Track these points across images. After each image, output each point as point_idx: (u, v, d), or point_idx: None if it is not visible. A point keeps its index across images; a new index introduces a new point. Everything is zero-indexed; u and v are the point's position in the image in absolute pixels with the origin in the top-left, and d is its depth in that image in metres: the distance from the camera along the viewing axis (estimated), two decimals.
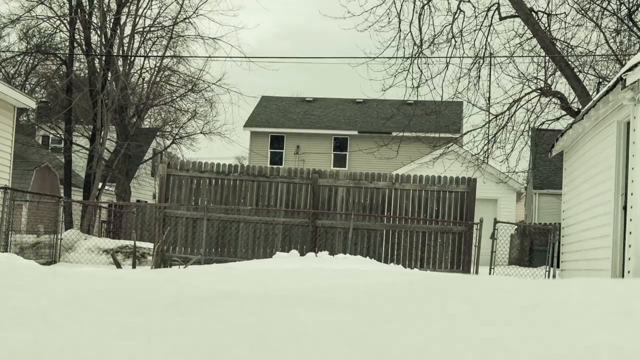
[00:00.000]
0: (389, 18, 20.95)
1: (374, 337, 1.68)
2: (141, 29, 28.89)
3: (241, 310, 2.06)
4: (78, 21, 27.88)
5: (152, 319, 1.89)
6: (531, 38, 20.77)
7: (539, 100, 21.63)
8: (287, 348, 1.55)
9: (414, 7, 20.73)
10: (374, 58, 22.51)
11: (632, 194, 9.96)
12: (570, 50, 21.46)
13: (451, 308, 2.14)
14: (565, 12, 21.81)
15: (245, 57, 31.94)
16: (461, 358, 1.49)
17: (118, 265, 15.30)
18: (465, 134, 24.18)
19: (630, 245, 9.94)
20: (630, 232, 9.96)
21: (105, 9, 27.70)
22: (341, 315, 1.98)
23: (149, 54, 29.25)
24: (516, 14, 20.36)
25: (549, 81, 21.68)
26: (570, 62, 20.54)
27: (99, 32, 27.95)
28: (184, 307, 2.12)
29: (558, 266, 16.41)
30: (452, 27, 20.88)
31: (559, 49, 20.46)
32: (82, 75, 29.06)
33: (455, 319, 1.92)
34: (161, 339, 1.63)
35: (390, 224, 16.51)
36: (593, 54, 22.04)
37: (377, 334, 1.72)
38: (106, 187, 29.74)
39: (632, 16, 21.50)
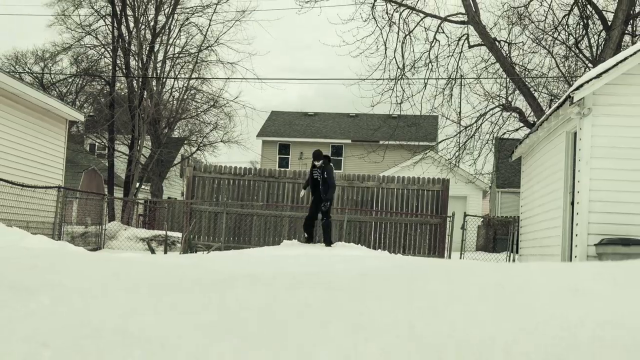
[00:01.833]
0: (377, 46, 21.05)
1: (367, 312, 1.66)
2: (171, 56, 28.91)
3: (254, 290, 2.04)
4: (119, 49, 27.88)
5: (179, 297, 1.87)
6: (495, 63, 20.80)
7: (501, 114, 21.67)
8: (292, 320, 1.53)
9: (398, 37, 20.79)
10: (364, 79, 22.80)
11: (578, 192, 9.96)
12: (527, 72, 21.48)
13: (431, 286, 2.12)
14: (522, 42, 21.88)
15: (258, 79, 32.06)
16: (442, 328, 1.47)
17: (152, 252, 15.31)
18: (440, 142, 24.19)
19: (577, 235, 9.94)
20: (577, 224, 9.96)
21: (141, 39, 27.71)
22: (338, 294, 1.97)
23: (178, 76, 29.29)
24: (482, 43, 20.38)
25: (509, 99, 21.72)
26: (527, 83, 20.56)
27: (136, 58, 27.95)
28: (207, 287, 2.10)
29: (517, 252, 16.40)
30: (429, 53, 20.92)
31: (517, 72, 20.49)
32: (122, 93, 29.07)
33: (436, 297, 1.90)
34: (187, 312, 1.61)
35: (378, 217, 16.50)
36: (546, 76, 22.07)
37: (369, 307, 1.70)
38: (142, 186, 29.73)
39: (578, 45, 21.54)
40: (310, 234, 12.11)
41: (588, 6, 21.07)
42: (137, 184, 27.53)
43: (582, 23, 21.45)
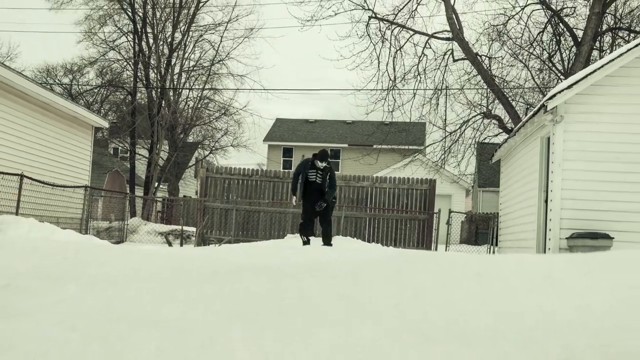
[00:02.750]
0: (371, 60, 21.02)
1: (360, 295, 1.66)
2: (187, 69, 28.89)
3: (261, 278, 2.04)
4: (140, 63, 27.87)
5: (194, 285, 1.87)
6: (476, 75, 20.78)
7: (482, 121, 21.65)
8: (294, 305, 1.53)
9: (389, 52, 20.78)
10: (360, 90, 23.06)
11: (551, 191, 9.95)
12: (505, 84, 21.47)
13: (419, 276, 2.12)
14: (501, 56, 21.86)
15: (264, 89, 32.02)
16: (427, 310, 1.47)
17: (169, 244, 15.31)
18: (428, 146, 24.15)
19: (550, 229, 9.93)
20: (550, 219, 9.95)
21: (160, 54, 27.72)
22: (335, 281, 1.96)
23: (193, 87, 29.27)
24: (465, 57, 20.37)
25: (489, 107, 21.70)
26: (505, 93, 20.56)
27: (155, 71, 27.94)
28: (219, 276, 2.10)
29: (497, 244, 16.38)
30: (418, 67, 20.89)
31: (497, 83, 20.48)
32: (143, 103, 29.04)
33: (423, 284, 1.90)
34: (201, 298, 1.61)
35: (371, 214, 16.48)
36: (522, 87, 22.07)
37: (363, 293, 1.70)
38: (160, 186, 29.70)
39: (552, 59, 21.56)
40: (309, 237, 9.69)
41: (560, 24, 21.09)
42: (156, 184, 27.54)
43: (555, 39, 21.47)
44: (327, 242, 9.52)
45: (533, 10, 21.19)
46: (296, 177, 9.99)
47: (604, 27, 20.71)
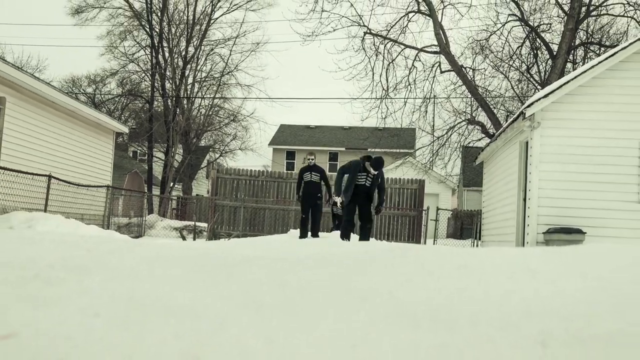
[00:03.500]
0: (366, 72, 21.01)
1: (356, 283, 1.67)
2: (199, 79, 28.90)
3: (266, 269, 2.04)
4: (157, 74, 27.87)
5: (206, 274, 1.87)
6: (462, 85, 20.80)
7: (467, 127, 21.67)
8: (298, 292, 1.54)
9: (383, 64, 20.80)
10: (356, 99, 23.02)
11: (529, 190, 9.96)
12: (488, 93, 21.49)
13: (410, 266, 2.12)
14: (484, 68, 21.91)
15: (269, 98, 32.03)
16: (417, 297, 1.48)
17: (183, 238, 15.32)
18: (417, 150, 24.17)
19: (528, 225, 9.94)
20: (528, 216, 9.96)
21: (175, 66, 27.73)
22: (333, 270, 1.97)
23: (204, 96, 29.28)
24: (451, 69, 20.38)
25: (473, 114, 21.71)
26: (488, 102, 20.56)
27: (170, 81, 27.95)
28: (229, 266, 2.10)
29: (480, 239, 16.41)
30: (408, 77, 20.90)
31: (480, 93, 20.48)
32: (159, 110, 29.04)
33: (413, 274, 1.90)
34: (213, 287, 1.62)
35: None
36: (503, 96, 22.09)
37: (359, 282, 1.70)
38: (175, 185, 29.69)
39: (530, 70, 21.57)
40: (350, 238, 8.75)
41: (537, 39, 21.11)
42: (171, 184, 27.54)
43: (532, 53, 21.49)
44: (367, 238, 8.88)
45: (513, 27, 21.24)
46: (341, 178, 8.87)
47: (577, 41, 20.74)
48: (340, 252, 2.72)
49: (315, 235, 10.12)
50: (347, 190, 8.65)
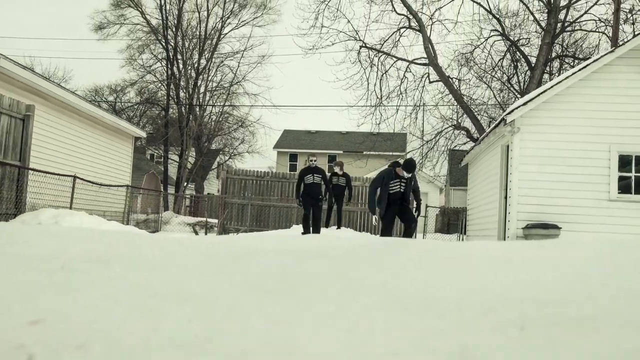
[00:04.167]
0: (361, 82, 21.09)
1: (353, 274, 1.67)
2: (210, 89, 28.92)
3: (271, 260, 2.04)
4: (172, 84, 27.87)
5: (217, 265, 1.87)
6: (448, 94, 20.81)
7: (453, 132, 21.68)
8: (299, 281, 1.54)
9: (377, 75, 20.84)
10: (352, 106, 23.12)
11: (510, 189, 9.96)
12: (472, 101, 21.50)
13: (401, 258, 2.13)
14: (469, 78, 21.92)
15: (274, 106, 32.10)
16: (407, 286, 1.48)
17: (196, 233, 15.32)
18: (408, 152, 24.16)
19: (509, 221, 9.94)
20: (509, 212, 9.96)
21: (188, 77, 27.75)
22: (332, 262, 1.97)
23: (215, 104, 29.28)
24: (439, 79, 20.38)
25: (459, 120, 21.72)
26: (472, 109, 20.57)
27: (184, 91, 27.95)
28: (237, 258, 2.10)
29: (465, 233, 16.41)
30: (400, 87, 20.91)
31: (465, 101, 20.49)
32: (174, 117, 29.06)
33: (404, 265, 1.90)
34: (223, 276, 1.62)
35: (362, 208, 16.48)
36: (486, 104, 22.09)
37: (355, 272, 1.70)
38: (189, 185, 29.70)
39: (510, 81, 21.57)
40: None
41: (517, 52, 21.11)
42: (185, 183, 27.55)
43: (513, 65, 21.49)
44: (410, 236, 7.99)
45: (495, 41, 21.26)
46: (375, 192, 7.70)
47: (554, 54, 20.75)
48: (339, 246, 2.73)
49: (316, 231, 10.14)
50: (380, 202, 7.59)
